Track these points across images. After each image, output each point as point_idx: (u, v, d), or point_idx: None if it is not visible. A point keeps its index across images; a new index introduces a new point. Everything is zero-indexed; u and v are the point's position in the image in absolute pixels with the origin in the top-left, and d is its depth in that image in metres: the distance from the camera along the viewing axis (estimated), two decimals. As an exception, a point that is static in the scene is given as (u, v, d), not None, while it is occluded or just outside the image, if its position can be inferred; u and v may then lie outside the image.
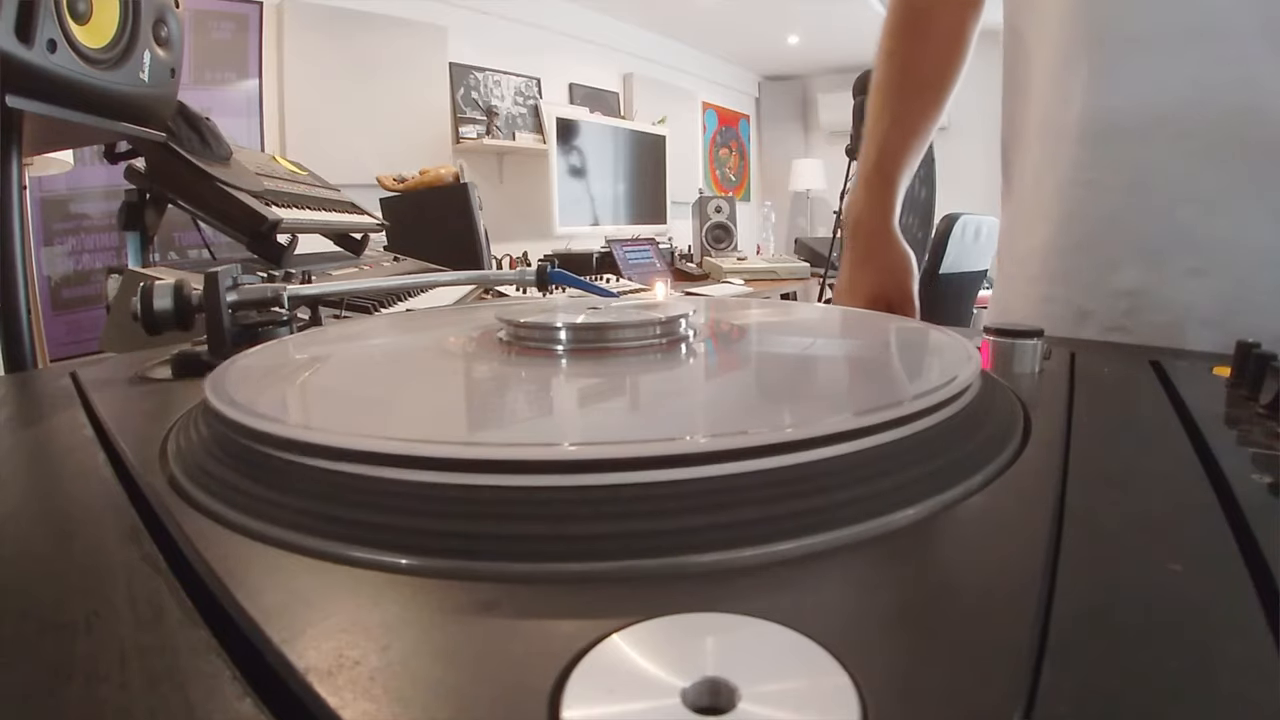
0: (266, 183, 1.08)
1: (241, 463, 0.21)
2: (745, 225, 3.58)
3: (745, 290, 2.45)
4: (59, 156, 1.28)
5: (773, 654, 0.13)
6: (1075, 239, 0.52)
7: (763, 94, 5.02)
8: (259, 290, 0.41)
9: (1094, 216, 0.51)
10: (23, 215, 0.68)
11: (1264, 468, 0.22)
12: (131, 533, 0.19)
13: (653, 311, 0.32)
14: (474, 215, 1.88)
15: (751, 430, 0.19)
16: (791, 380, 0.30)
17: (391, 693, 0.12)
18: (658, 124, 3.26)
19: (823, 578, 0.16)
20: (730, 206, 2.93)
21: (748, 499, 0.17)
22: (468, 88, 2.81)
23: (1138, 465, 0.23)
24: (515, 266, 2.17)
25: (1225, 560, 0.16)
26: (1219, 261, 0.47)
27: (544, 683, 0.12)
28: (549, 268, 0.56)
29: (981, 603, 0.15)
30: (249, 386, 0.27)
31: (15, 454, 0.27)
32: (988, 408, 0.25)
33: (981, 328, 0.38)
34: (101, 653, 0.14)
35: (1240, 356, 0.31)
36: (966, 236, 2.38)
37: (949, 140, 3.98)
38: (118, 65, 0.72)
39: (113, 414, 0.30)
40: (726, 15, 3.58)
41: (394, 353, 0.38)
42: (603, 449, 0.18)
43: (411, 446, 0.18)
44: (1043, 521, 0.18)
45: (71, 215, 1.75)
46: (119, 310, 0.77)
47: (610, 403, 0.27)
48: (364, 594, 0.15)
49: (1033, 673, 0.12)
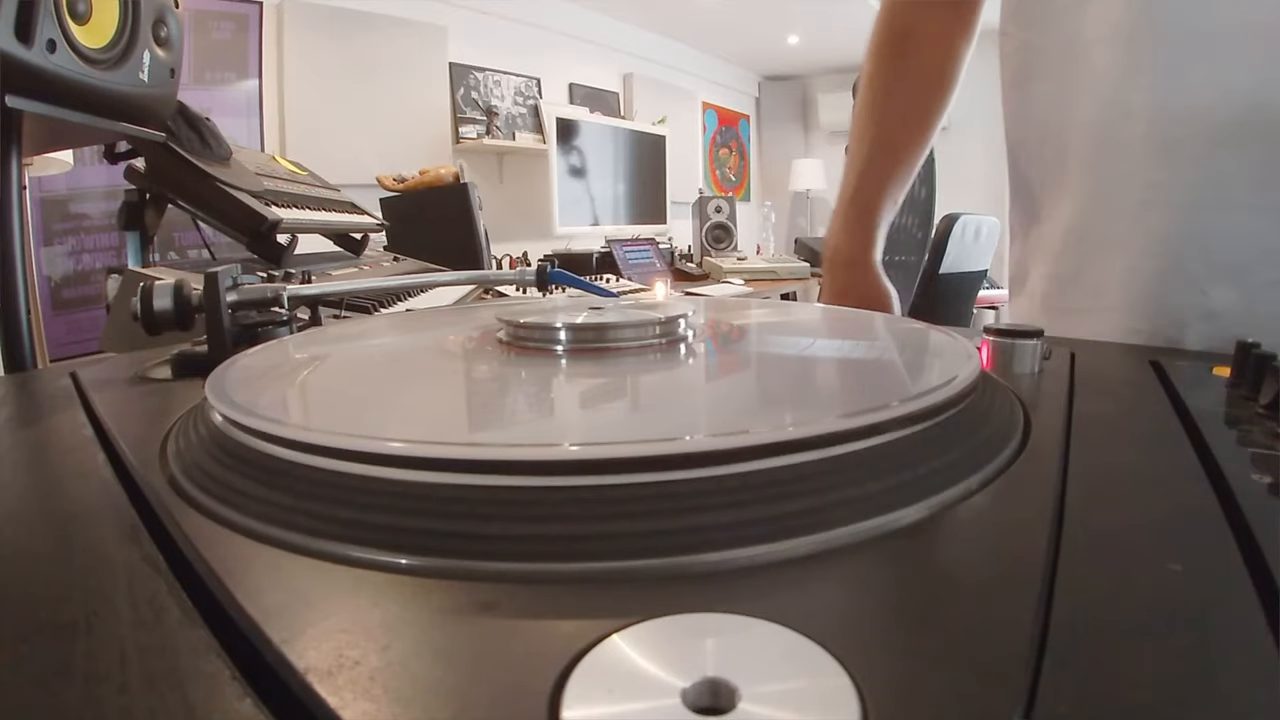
0: (266, 183, 1.08)
1: (241, 463, 0.21)
2: (745, 225, 3.58)
3: (745, 290, 2.45)
4: (59, 156, 1.28)
5: (773, 654, 0.13)
6: (1160, 263, 0.49)
7: (763, 94, 5.02)
8: (259, 290, 0.41)
9: (1175, 236, 0.48)
10: (23, 215, 0.68)
11: (1264, 468, 0.22)
12: (131, 533, 0.19)
13: (652, 312, 0.32)
14: (474, 215, 1.88)
15: (751, 430, 0.19)
16: (791, 380, 0.30)
17: (391, 693, 0.12)
18: (658, 124, 3.26)
19: (823, 578, 0.16)
20: (730, 206, 2.93)
21: (747, 499, 0.17)
22: (468, 88, 2.81)
23: (1137, 465, 0.23)
24: (515, 266, 2.17)
25: (1225, 560, 0.16)
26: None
27: (544, 683, 0.12)
28: (549, 268, 0.56)
29: (981, 603, 0.15)
30: (249, 387, 0.27)
31: (15, 454, 0.27)
32: (987, 408, 0.25)
33: (982, 328, 0.38)
34: (101, 653, 0.14)
35: (1240, 356, 0.31)
36: (966, 236, 2.38)
37: (949, 140, 3.98)
38: (117, 65, 0.72)
39: (113, 414, 0.30)
40: (726, 15, 3.58)
41: (394, 353, 0.38)
42: (602, 449, 0.18)
43: (411, 447, 0.18)
44: (1043, 521, 0.18)
45: (71, 215, 1.75)
46: (119, 310, 0.77)
47: (610, 403, 0.27)
48: (364, 594, 0.15)
49: (1033, 673, 0.12)
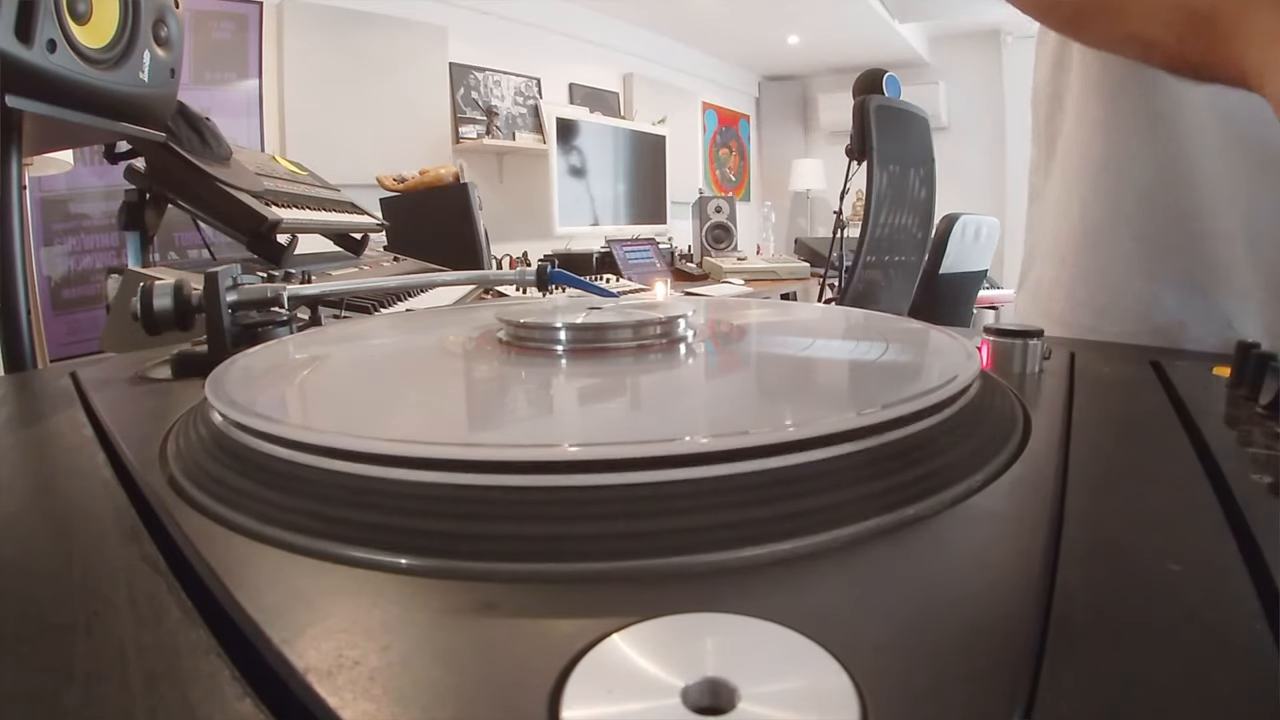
0: (266, 183, 1.08)
1: (241, 463, 0.21)
2: (745, 225, 3.58)
3: (745, 290, 2.45)
4: (59, 156, 1.27)
5: (773, 654, 0.13)
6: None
7: (763, 94, 5.02)
8: (259, 290, 0.41)
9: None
10: (23, 215, 0.68)
11: (1264, 468, 0.22)
12: (131, 533, 0.19)
13: (652, 312, 0.32)
14: (474, 215, 1.88)
15: (751, 430, 0.19)
16: (791, 380, 0.30)
17: (391, 693, 0.12)
18: (658, 124, 3.26)
19: (822, 578, 0.16)
20: (730, 206, 2.93)
21: (747, 499, 0.17)
22: (468, 88, 2.81)
23: (1137, 465, 0.23)
24: (515, 266, 2.17)
25: (1225, 560, 0.16)
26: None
27: (544, 683, 0.12)
28: (549, 268, 0.56)
29: (981, 602, 0.15)
30: (249, 387, 0.27)
31: (15, 454, 0.27)
32: (987, 407, 0.25)
33: (982, 327, 0.38)
34: (101, 653, 0.14)
35: (1240, 356, 0.31)
36: (966, 236, 2.38)
37: (949, 140, 4.00)
38: (117, 65, 0.72)
39: (112, 414, 0.30)
40: (726, 15, 3.57)
41: (394, 353, 0.38)
42: (602, 449, 0.18)
43: (411, 447, 0.18)
44: (1043, 521, 0.18)
45: (71, 215, 1.75)
46: (119, 310, 0.77)
47: (610, 403, 0.27)
48: (364, 594, 0.15)
49: (1033, 673, 0.12)
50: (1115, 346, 0.45)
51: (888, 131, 2.09)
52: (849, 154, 2.11)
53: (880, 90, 2.20)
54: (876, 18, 3.62)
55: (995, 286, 3.26)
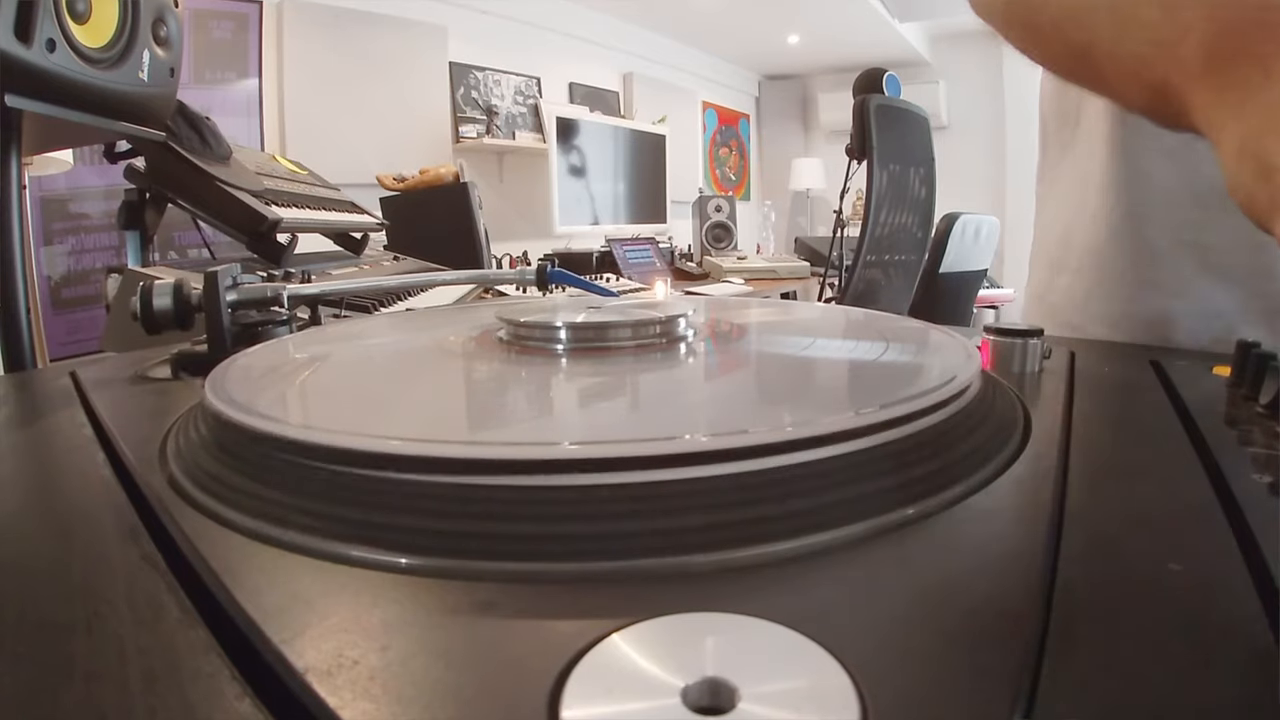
0: (266, 182, 1.08)
1: (241, 462, 0.21)
2: (745, 225, 3.58)
3: (745, 290, 2.45)
4: (59, 156, 1.27)
5: (773, 654, 0.13)
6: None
7: (763, 93, 5.01)
8: (259, 290, 0.41)
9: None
10: (23, 215, 0.68)
11: (1264, 468, 0.22)
12: (131, 533, 0.19)
13: (652, 311, 0.32)
14: (474, 215, 1.88)
15: (751, 430, 0.19)
16: (791, 380, 0.30)
17: (391, 693, 0.12)
18: (658, 123, 3.25)
19: (822, 578, 0.16)
20: (730, 206, 2.93)
21: (747, 498, 0.17)
22: (468, 87, 2.81)
23: (1138, 465, 0.23)
24: (515, 266, 2.17)
25: (1225, 560, 0.16)
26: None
27: (544, 683, 0.12)
28: (549, 267, 0.56)
29: (982, 602, 0.15)
30: (248, 386, 0.27)
31: (15, 454, 0.27)
32: (988, 407, 0.25)
33: (982, 327, 0.37)
34: (101, 653, 0.14)
35: (1240, 356, 0.31)
36: (966, 236, 2.38)
37: (949, 139, 4.00)
38: (117, 65, 0.72)
39: (112, 414, 0.30)
40: (726, 15, 3.57)
41: (394, 352, 0.38)
42: (602, 448, 0.18)
43: (411, 446, 0.18)
44: (1043, 521, 0.18)
45: (71, 215, 1.75)
46: (119, 310, 0.77)
47: (610, 402, 0.27)
48: (364, 594, 0.15)
49: (1033, 673, 0.12)
50: (1115, 346, 0.45)
51: (888, 131, 2.09)
52: (849, 153, 2.11)
53: (880, 89, 2.20)
54: (877, 17, 3.62)
55: (995, 286, 3.26)
